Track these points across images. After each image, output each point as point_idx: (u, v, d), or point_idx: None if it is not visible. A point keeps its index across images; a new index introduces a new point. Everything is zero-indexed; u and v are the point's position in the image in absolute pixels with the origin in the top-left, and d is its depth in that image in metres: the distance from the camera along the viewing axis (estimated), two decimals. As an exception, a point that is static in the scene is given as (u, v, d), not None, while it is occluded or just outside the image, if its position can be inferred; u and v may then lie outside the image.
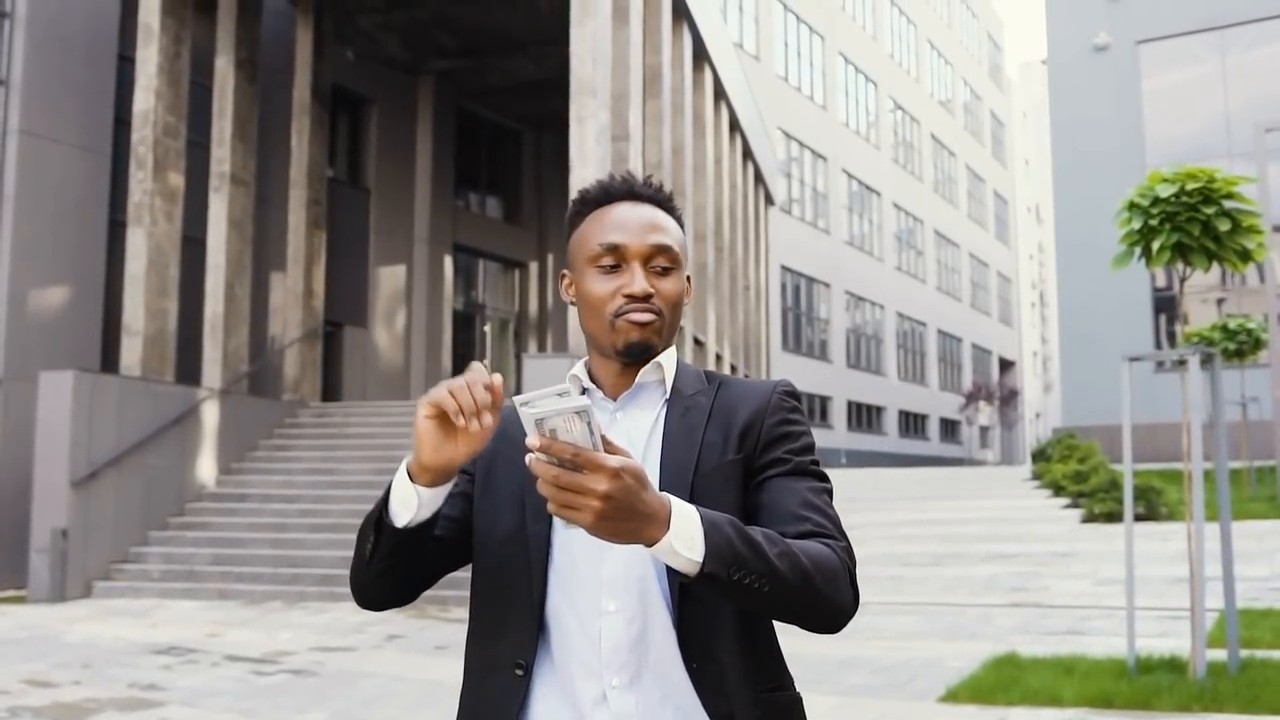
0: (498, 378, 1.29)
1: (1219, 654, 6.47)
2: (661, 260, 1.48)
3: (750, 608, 1.34)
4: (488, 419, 1.27)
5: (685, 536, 1.22)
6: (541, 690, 1.42)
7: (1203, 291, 22.88)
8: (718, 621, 1.40)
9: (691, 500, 1.34)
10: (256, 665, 7.70)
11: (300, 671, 7.44)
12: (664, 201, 1.54)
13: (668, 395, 1.50)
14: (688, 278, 1.55)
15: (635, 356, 1.47)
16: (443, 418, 1.29)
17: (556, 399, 1.17)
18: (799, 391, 1.54)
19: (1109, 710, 5.61)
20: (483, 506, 1.48)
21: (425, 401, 1.28)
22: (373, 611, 1.55)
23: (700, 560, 1.22)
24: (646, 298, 1.45)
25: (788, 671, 1.49)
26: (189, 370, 14.19)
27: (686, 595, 1.38)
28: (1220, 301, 22.75)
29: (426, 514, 1.37)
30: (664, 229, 1.50)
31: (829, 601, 1.32)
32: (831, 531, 1.39)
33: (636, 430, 1.48)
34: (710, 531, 1.23)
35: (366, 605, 1.51)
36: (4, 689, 6.91)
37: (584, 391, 1.50)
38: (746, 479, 1.44)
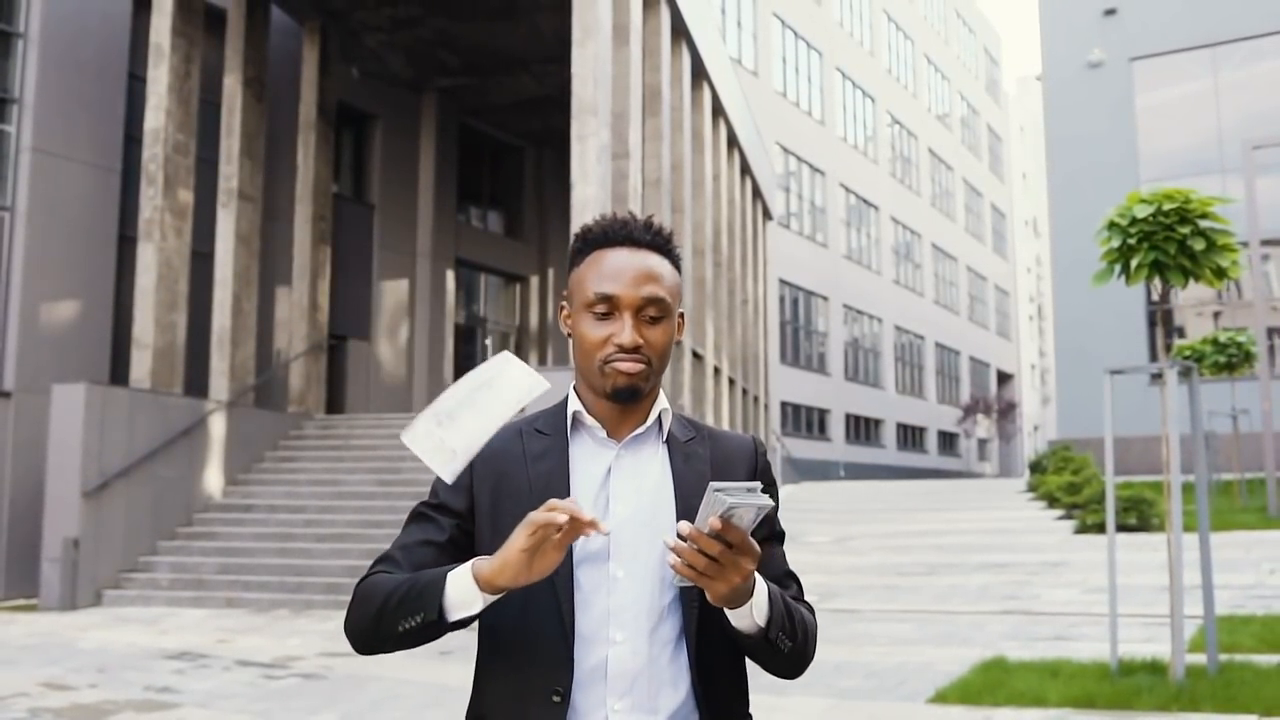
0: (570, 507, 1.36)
1: (1200, 658, 6.69)
2: (652, 310, 1.55)
3: (764, 659, 1.54)
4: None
5: (760, 605, 1.47)
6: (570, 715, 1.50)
7: (1198, 305, 23.14)
8: (722, 656, 1.55)
9: None
10: (267, 670, 7.91)
11: (310, 675, 7.65)
12: (661, 245, 1.59)
13: (665, 439, 1.60)
14: (680, 314, 1.62)
15: (623, 400, 1.56)
16: (541, 545, 1.35)
17: (747, 493, 1.34)
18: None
19: (1091, 710, 5.83)
20: (495, 546, 1.46)
21: (533, 526, 1.34)
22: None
23: (765, 625, 1.47)
24: (636, 349, 1.53)
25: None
26: (197, 383, 14.42)
27: (703, 630, 1.52)
28: (1216, 315, 23.01)
29: (480, 610, 1.45)
30: (658, 278, 1.56)
31: (808, 660, 1.59)
32: (802, 594, 1.65)
33: (647, 472, 1.58)
34: (773, 601, 1.49)
35: (367, 654, 1.57)
36: (23, 691, 7.13)
37: (578, 422, 1.62)
38: None
